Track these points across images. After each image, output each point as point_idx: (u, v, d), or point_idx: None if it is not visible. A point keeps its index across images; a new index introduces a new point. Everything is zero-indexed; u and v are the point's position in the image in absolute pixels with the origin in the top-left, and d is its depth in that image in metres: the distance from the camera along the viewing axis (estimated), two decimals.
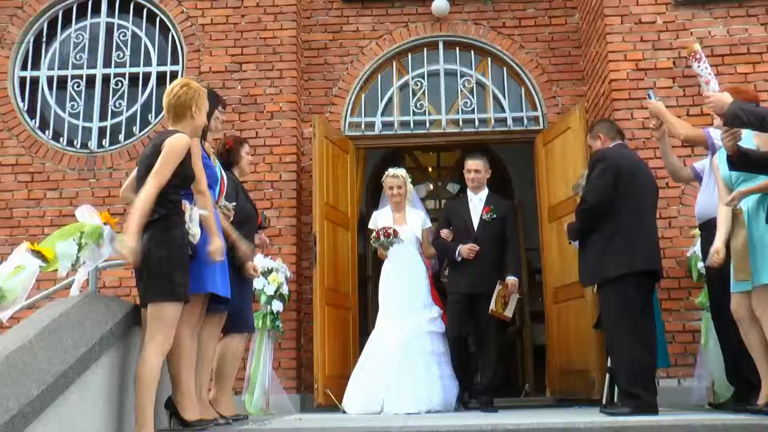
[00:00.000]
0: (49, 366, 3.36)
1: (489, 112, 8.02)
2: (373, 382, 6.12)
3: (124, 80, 7.99)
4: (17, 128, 7.85)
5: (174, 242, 3.88)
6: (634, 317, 4.93)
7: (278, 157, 7.50)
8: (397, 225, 6.58)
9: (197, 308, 4.23)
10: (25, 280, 3.68)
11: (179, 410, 4.19)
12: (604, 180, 5.04)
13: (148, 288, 3.88)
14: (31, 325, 3.74)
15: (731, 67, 6.88)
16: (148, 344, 3.84)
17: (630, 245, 4.97)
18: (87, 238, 4.09)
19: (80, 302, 4.02)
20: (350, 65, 8.13)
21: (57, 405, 3.34)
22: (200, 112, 4.16)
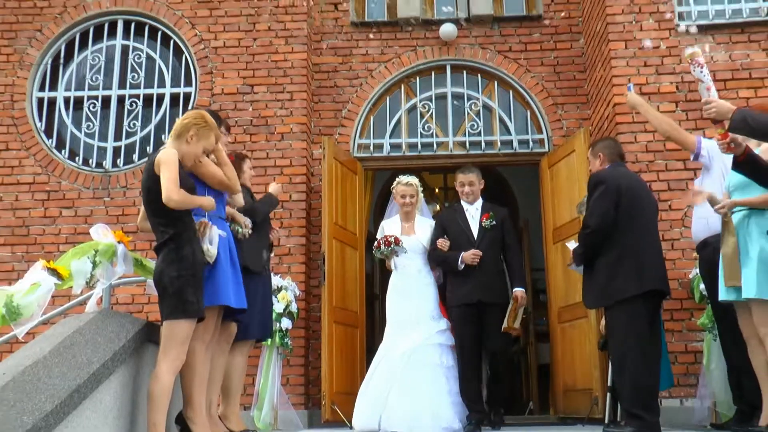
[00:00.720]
0: (63, 381, 3.37)
1: (495, 134, 8.04)
2: (376, 396, 5.94)
3: (139, 101, 8.05)
4: (34, 147, 7.91)
5: (185, 261, 3.89)
6: (643, 338, 4.88)
7: (288, 177, 7.52)
8: (406, 235, 6.34)
9: (211, 322, 4.23)
10: (41, 297, 3.69)
11: (190, 426, 4.18)
12: (604, 202, 4.97)
13: (163, 306, 3.89)
14: (46, 340, 3.76)
15: (733, 92, 6.88)
16: (161, 361, 3.84)
17: (637, 266, 4.91)
18: (101, 256, 4.11)
19: (94, 319, 4.03)
20: (359, 88, 8.17)
21: (70, 420, 3.35)
22: (197, 142, 4.10)
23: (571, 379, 6.97)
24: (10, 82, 8.09)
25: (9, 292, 3.60)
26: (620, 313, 4.92)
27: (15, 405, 3.10)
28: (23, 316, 3.57)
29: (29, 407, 3.12)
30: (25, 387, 3.25)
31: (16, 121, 7.98)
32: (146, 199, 4.02)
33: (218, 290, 4.22)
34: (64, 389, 3.32)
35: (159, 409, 3.78)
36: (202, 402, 4.24)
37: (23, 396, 3.18)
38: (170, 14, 8.13)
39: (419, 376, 5.90)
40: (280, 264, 7.19)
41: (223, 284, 4.24)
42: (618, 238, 4.96)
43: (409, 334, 6.09)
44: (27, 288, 3.65)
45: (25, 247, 7.53)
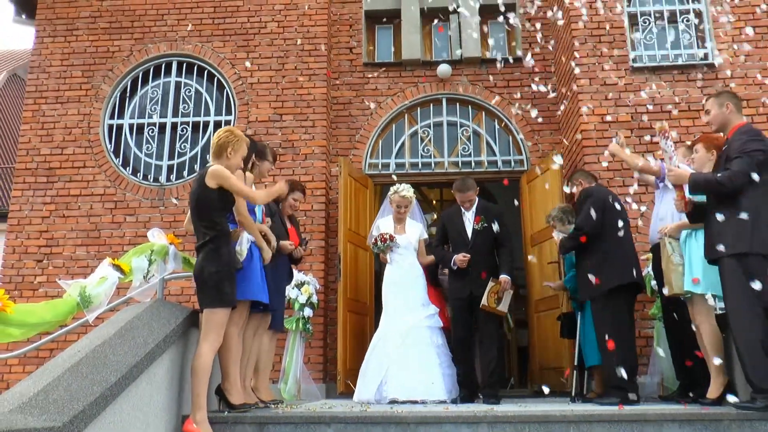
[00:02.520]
0: (124, 358, 3.48)
1: (483, 155, 8.13)
2: (375, 372, 5.91)
3: (188, 127, 8.20)
4: (105, 165, 8.06)
5: (223, 258, 3.99)
6: (623, 324, 5.00)
7: (310, 191, 7.59)
8: (397, 234, 6.37)
9: (243, 312, 4.34)
10: (108, 289, 3.80)
11: (227, 396, 4.29)
12: (593, 211, 5.09)
13: (203, 297, 3.98)
14: (111, 325, 3.87)
15: (676, 121, 6.97)
16: (203, 342, 3.95)
17: (618, 263, 5.06)
18: (156, 255, 4.22)
19: (150, 307, 4.15)
20: (370, 117, 8.28)
21: (130, 390, 3.46)
22: (235, 154, 4.19)
23: (545, 359, 7.05)
24: (87, 112, 8.26)
25: (83, 284, 3.72)
26: (605, 302, 5.03)
27: (87, 377, 3.21)
28: (93, 303, 3.69)
29: (98, 378, 3.23)
30: (95, 362, 3.36)
31: (92, 143, 8.15)
32: (194, 205, 4.09)
33: (251, 287, 4.33)
34: (125, 365, 3.43)
35: (201, 382, 3.88)
36: (237, 376, 4.34)
37: (93, 369, 3.29)
38: (215, 56, 8.27)
39: (414, 352, 5.91)
40: (303, 263, 7.28)
41: (254, 282, 4.36)
42: (603, 241, 5.11)
43: (403, 318, 6.08)
44: (96, 281, 3.77)
45: (97, 248, 7.68)
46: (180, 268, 4.54)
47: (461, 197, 6.02)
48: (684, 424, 4.03)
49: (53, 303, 3.55)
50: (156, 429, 3.76)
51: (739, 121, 4.39)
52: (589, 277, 5.11)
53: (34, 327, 3.27)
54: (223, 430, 4.09)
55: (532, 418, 4.10)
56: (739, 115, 4.41)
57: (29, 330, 3.27)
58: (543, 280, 7.10)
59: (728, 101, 4.41)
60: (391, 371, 5.83)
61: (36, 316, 3.26)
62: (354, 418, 4.12)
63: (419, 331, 6.03)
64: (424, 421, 4.11)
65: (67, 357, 3.42)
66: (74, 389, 3.06)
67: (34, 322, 3.24)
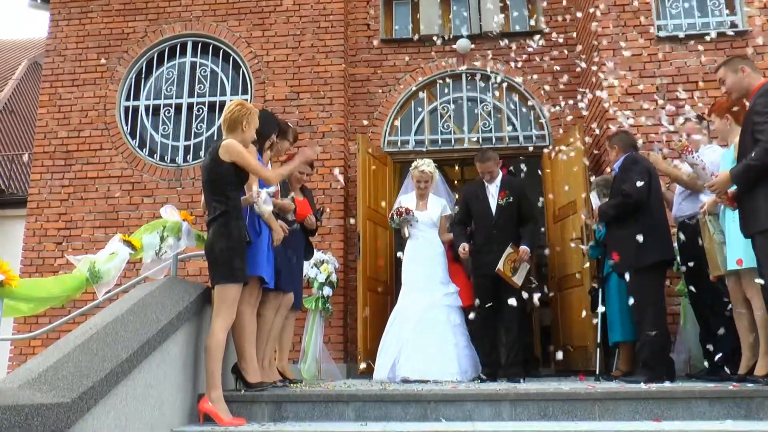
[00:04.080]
0: (136, 335, 3.40)
1: (504, 131, 7.95)
2: (391, 351, 5.81)
3: (205, 108, 8.11)
4: (122, 147, 8.01)
5: (233, 234, 3.89)
6: (662, 300, 4.88)
7: (329, 169, 7.53)
8: (419, 210, 6.22)
9: (254, 290, 4.25)
10: (118, 265, 3.72)
11: (243, 375, 4.21)
12: (642, 179, 4.90)
13: (214, 273, 3.90)
14: (124, 302, 3.80)
15: (703, 92, 6.75)
16: (215, 319, 3.86)
17: (662, 237, 4.90)
18: (168, 231, 4.14)
19: (163, 285, 4.07)
20: (388, 94, 8.13)
21: (143, 367, 3.38)
22: (249, 128, 4.11)
23: (569, 338, 6.90)
24: (103, 94, 8.21)
25: (92, 259, 3.64)
26: (645, 276, 4.86)
27: (98, 353, 3.13)
28: (103, 279, 3.61)
29: (109, 355, 3.15)
30: (106, 339, 3.28)
31: (108, 125, 8.10)
32: (206, 178, 4.01)
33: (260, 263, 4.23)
34: (137, 341, 3.35)
35: (215, 360, 3.80)
36: (252, 354, 4.26)
37: (104, 346, 3.21)
38: (230, 35, 8.15)
39: (429, 332, 5.79)
40: (322, 242, 7.20)
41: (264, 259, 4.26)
42: (647, 212, 4.92)
43: (422, 296, 5.96)
44: (106, 256, 3.69)
45: (115, 229, 7.59)
46: (193, 245, 4.45)
47: (481, 167, 5.89)
48: (714, 402, 3.88)
49: (61, 278, 3.48)
50: (171, 407, 3.68)
51: (758, 81, 4.14)
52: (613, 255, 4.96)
53: (41, 302, 3.20)
54: (239, 408, 4.01)
55: (556, 396, 3.98)
56: (757, 75, 4.18)
57: (37, 305, 3.19)
58: (565, 257, 6.96)
59: (742, 65, 4.18)
60: (406, 350, 5.72)
61: (43, 291, 3.18)
62: (373, 397, 4.03)
63: (437, 309, 5.91)
64: (445, 399, 4.01)
65: (78, 334, 3.34)
66: (84, 366, 2.98)
67: (41, 297, 3.16)
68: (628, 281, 5.01)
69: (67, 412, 2.65)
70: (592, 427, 3.63)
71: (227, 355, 4.22)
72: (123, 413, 3.14)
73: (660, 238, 4.88)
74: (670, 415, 3.87)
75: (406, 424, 3.82)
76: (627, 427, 3.62)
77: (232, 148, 3.94)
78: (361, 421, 3.94)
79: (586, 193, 6.53)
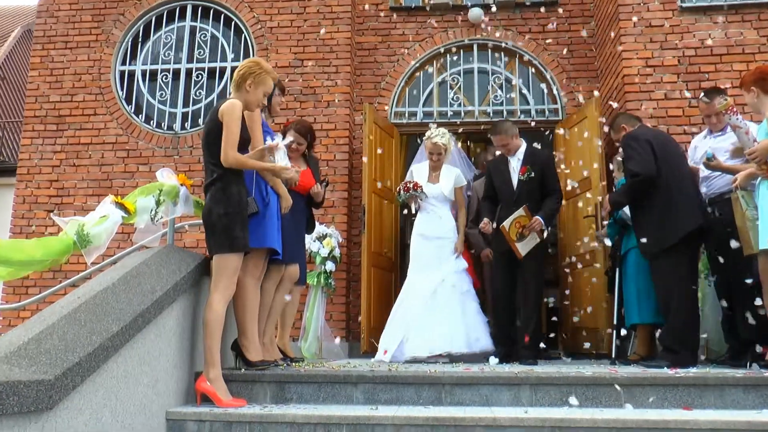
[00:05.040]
0: (129, 306, 3.10)
1: (515, 104, 7.61)
2: (400, 331, 5.51)
3: (204, 74, 7.75)
4: (117, 113, 7.67)
5: (232, 199, 3.58)
6: (690, 280, 4.54)
7: (333, 139, 7.20)
8: (431, 183, 5.86)
9: (260, 261, 3.95)
10: (109, 229, 3.41)
11: (244, 352, 3.93)
12: (643, 153, 4.56)
13: (212, 242, 3.61)
14: (115, 271, 3.49)
15: (728, 65, 6.42)
16: (213, 291, 3.56)
17: (684, 210, 4.53)
18: (165, 195, 3.81)
19: (159, 253, 3.75)
20: (396, 63, 7.77)
21: (136, 341, 3.09)
22: (256, 89, 3.78)
23: (580, 319, 6.61)
24: (98, 58, 7.84)
25: (81, 222, 3.32)
26: (671, 254, 4.53)
27: (86, 325, 2.83)
28: (92, 244, 3.29)
29: (98, 328, 2.85)
30: (95, 310, 2.98)
31: (103, 90, 7.75)
32: (204, 140, 3.72)
33: (268, 234, 3.93)
34: (130, 313, 3.04)
35: (213, 334, 3.51)
36: (254, 331, 3.97)
37: (93, 317, 2.91)
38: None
39: (440, 309, 5.52)
40: (325, 215, 6.89)
41: (272, 230, 3.96)
42: (660, 187, 4.57)
43: (432, 273, 5.66)
44: (97, 219, 3.37)
45: None
46: (191, 212, 4.13)
47: (495, 140, 5.54)
48: (749, 390, 3.61)
49: (45, 240, 3.15)
50: (166, 386, 3.39)
51: None
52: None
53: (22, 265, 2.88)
54: (239, 388, 3.73)
55: (579, 380, 3.70)
56: None
57: (18, 269, 2.88)
58: (577, 235, 6.66)
59: None
60: (415, 329, 5.44)
61: (23, 254, 2.86)
62: (383, 379, 3.75)
63: (446, 283, 5.61)
64: (460, 382, 3.73)
65: (65, 304, 3.03)
66: (70, 338, 2.68)
67: (22, 260, 2.84)
68: (652, 262, 4.71)
69: (48, 390, 2.35)
70: (619, 415, 3.34)
71: (228, 331, 3.93)
72: (113, 392, 2.85)
73: (683, 211, 4.54)
74: (701, 403, 3.60)
75: (419, 409, 3.54)
76: (655, 415, 3.34)
77: (226, 109, 3.63)
78: (370, 404, 3.66)
79: (601, 169, 6.23)
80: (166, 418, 3.33)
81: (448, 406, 3.64)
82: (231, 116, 3.59)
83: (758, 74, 4.16)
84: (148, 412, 3.15)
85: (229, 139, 3.55)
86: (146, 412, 3.14)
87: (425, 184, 5.87)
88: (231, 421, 3.31)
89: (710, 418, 3.24)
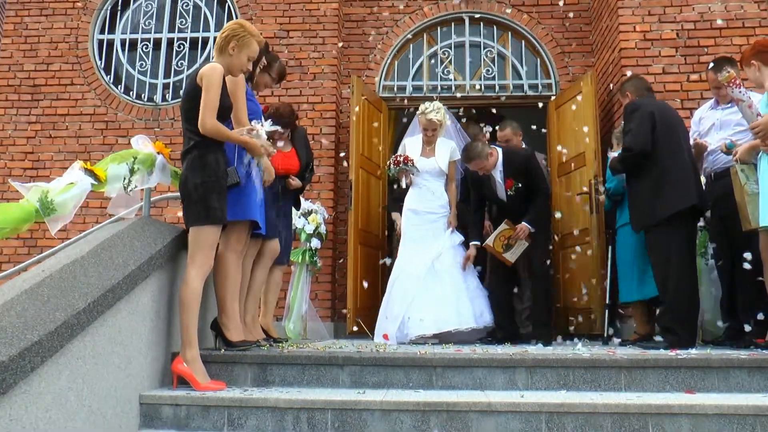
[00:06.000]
0: (98, 281, 2.85)
1: (508, 79, 7.36)
2: (397, 310, 5.30)
3: (186, 44, 7.44)
4: (95, 83, 7.35)
5: (208, 168, 3.34)
6: (683, 257, 4.34)
7: (319, 113, 6.93)
8: (425, 157, 5.65)
9: (243, 235, 3.71)
10: (76, 197, 3.16)
11: (224, 331, 3.71)
12: (642, 126, 4.38)
13: (188, 213, 3.37)
14: (86, 242, 3.24)
15: (728, 39, 6.21)
16: (189, 266, 3.33)
17: (677, 185, 4.34)
18: (139, 164, 3.55)
19: (133, 224, 3.50)
20: (385, 36, 7.49)
21: (106, 318, 2.85)
22: (239, 52, 3.53)
23: (572, 300, 6.43)
24: (75, 26, 7.50)
25: (45, 188, 3.06)
26: (665, 231, 4.35)
27: (49, 300, 2.59)
28: (57, 212, 3.04)
29: (62, 303, 2.61)
30: (60, 284, 2.73)
31: (80, 59, 7.42)
32: (183, 105, 3.49)
33: (250, 207, 3.70)
34: (99, 288, 2.80)
35: (189, 312, 3.27)
36: (235, 309, 3.74)
37: (58, 293, 2.66)
38: None
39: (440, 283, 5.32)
40: (310, 190, 6.64)
41: (254, 202, 3.73)
42: (657, 160, 4.37)
43: (427, 249, 5.46)
44: (63, 186, 3.11)
45: None
46: (168, 181, 3.86)
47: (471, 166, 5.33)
48: (754, 372, 3.45)
49: (3, 207, 2.89)
50: (139, 368, 3.15)
51: None
52: None
53: None
54: (219, 370, 3.51)
55: (577, 362, 3.51)
56: None
57: None
58: (570, 213, 6.47)
59: None
60: (416, 308, 5.21)
61: None
62: (371, 360, 3.53)
63: (443, 257, 5.42)
64: (453, 364, 3.53)
65: (27, 278, 2.79)
66: (30, 315, 2.43)
67: None
68: (646, 238, 4.54)
69: (2, 372, 2.11)
70: (620, 399, 3.16)
71: (208, 310, 3.70)
72: (79, 374, 2.61)
73: (678, 186, 4.36)
74: (704, 386, 3.44)
75: (408, 393, 3.34)
76: (657, 399, 3.16)
77: (205, 72, 3.39)
78: (357, 387, 3.45)
79: (596, 145, 6.04)
80: (139, 402, 3.10)
81: (440, 390, 3.44)
82: (210, 80, 3.34)
83: (758, 47, 4.04)
84: (119, 396, 2.92)
85: (208, 104, 3.30)
86: (117, 395, 2.90)
87: (419, 158, 5.65)
88: (209, 405, 3.08)
89: (716, 402, 3.06)
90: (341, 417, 3.05)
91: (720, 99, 4.72)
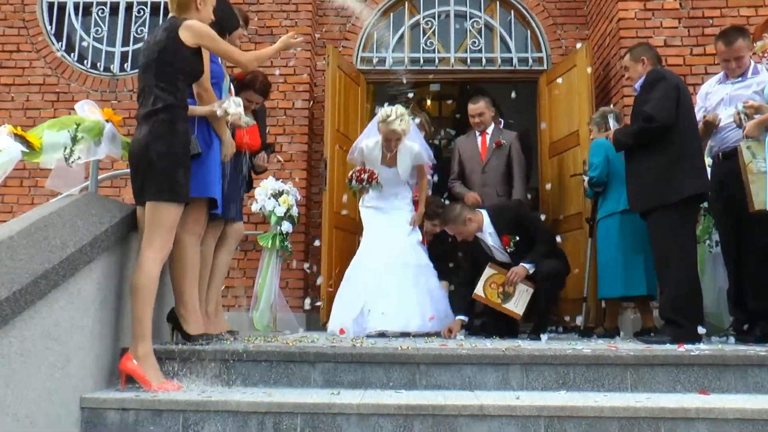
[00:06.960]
0: (28, 265, 2.51)
1: (496, 52, 7.05)
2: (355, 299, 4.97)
3: (146, 9, 7.02)
4: (45, 50, 6.92)
5: (178, 137, 3.02)
6: (687, 242, 4.11)
7: (292, 86, 6.58)
8: (386, 166, 5.25)
9: (202, 215, 3.40)
10: (3, 165, 2.81)
11: (182, 323, 3.40)
12: (669, 99, 4.10)
13: (147, 186, 3.01)
14: (18, 221, 2.89)
15: (734, 10, 5.95)
16: (145, 249, 2.99)
17: (694, 167, 4.10)
18: (84, 132, 3.18)
19: (76, 201, 3.15)
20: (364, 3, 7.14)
21: (38, 309, 2.51)
22: (205, 5, 3.30)
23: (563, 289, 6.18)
24: None
25: None
26: (672, 216, 4.10)
27: None
28: None
29: None
30: None
31: (27, 24, 6.97)
32: (156, 59, 3.09)
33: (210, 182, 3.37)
34: (28, 273, 2.46)
35: (144, 302, 2.94)
36: (195, 299, 3.43)
37: None
38: None
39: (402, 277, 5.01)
40: (282, 170, 6.31)
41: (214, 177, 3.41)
42: (675, 138, 4.10)
43: (388, 240, 5.16)
44: None
45: None
46: (119, 154, 3.48)
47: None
48: None
49: None
50: (80, 366, 2.82)
51: None
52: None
53: None
54: (175, 368, 3.18)
55: (578, 359, 3.26)
56: None
57: None
58: (563, 198, 6.23)
59: None
60: (376, 299, 4.89)
61: None
62: (347, 356, 3.24)
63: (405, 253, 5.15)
64: (439, 361, 3.25)
65: None
66: None
67: None
68: (648, 222, 4.28)
69: None
70: (628, 401, 2.91)
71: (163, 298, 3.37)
72: (1, 376, 2.27)
73: (694, 168, 4.13)
74: (720, 386, 3.21)
75: (389, 393, 3.05)
76: (669, 401, 2.93)
77: (198, 29, 3.12)
78: (331, 387, 3.16)
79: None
80: (80, 405, 2.77)
81: (424, 390, 3.17)
82: (209, 33, 3.17)
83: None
84: (55, 400, 2.59)
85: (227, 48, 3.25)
86: (53, 399, 2.57)
87: (380, 167, 5.27)
88: (161, 409, 2.76)
89: (737, 405, 2.83)
90: (312, 422, 2.76)
91: (729, 72, 4.48)
